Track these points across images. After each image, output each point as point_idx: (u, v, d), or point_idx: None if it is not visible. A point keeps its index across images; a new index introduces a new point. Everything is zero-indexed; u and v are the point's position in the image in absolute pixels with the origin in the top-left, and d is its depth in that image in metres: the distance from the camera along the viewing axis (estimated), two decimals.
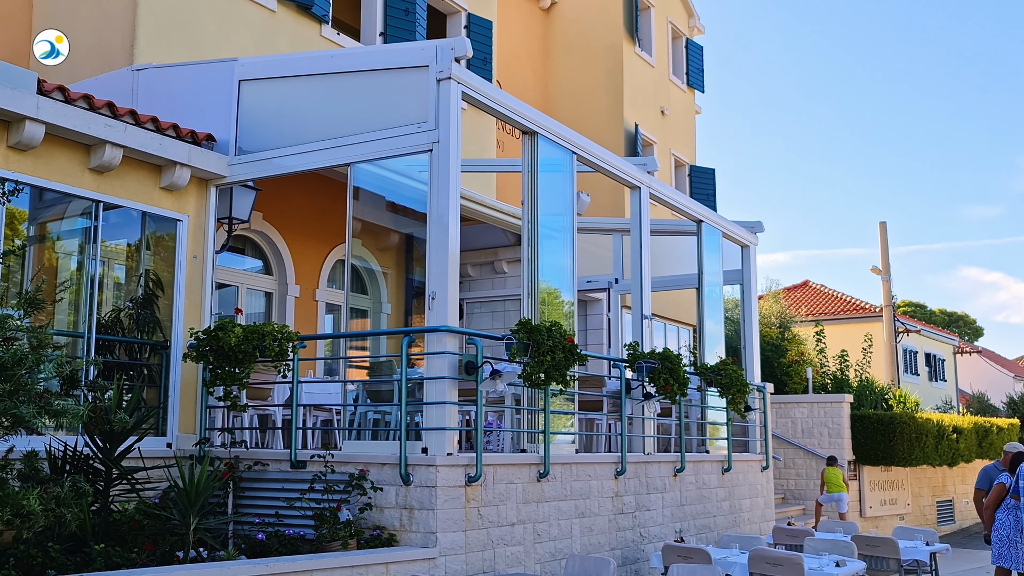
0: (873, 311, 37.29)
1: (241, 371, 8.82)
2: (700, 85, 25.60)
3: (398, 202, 12.60)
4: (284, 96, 10.16)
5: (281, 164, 9.81)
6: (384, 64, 9.34)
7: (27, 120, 8.20)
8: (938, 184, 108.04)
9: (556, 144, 10.11)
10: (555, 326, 8.76)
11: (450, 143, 8.47)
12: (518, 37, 21.46)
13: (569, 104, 21.97)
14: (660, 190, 12.51)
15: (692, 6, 25.40)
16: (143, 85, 10.69)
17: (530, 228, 9.56)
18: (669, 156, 23.69)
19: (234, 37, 12.17)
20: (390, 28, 14.43)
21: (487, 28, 16.55)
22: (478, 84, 8.97)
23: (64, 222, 9.52)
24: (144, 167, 9.40)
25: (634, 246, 11.93)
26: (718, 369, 12.47)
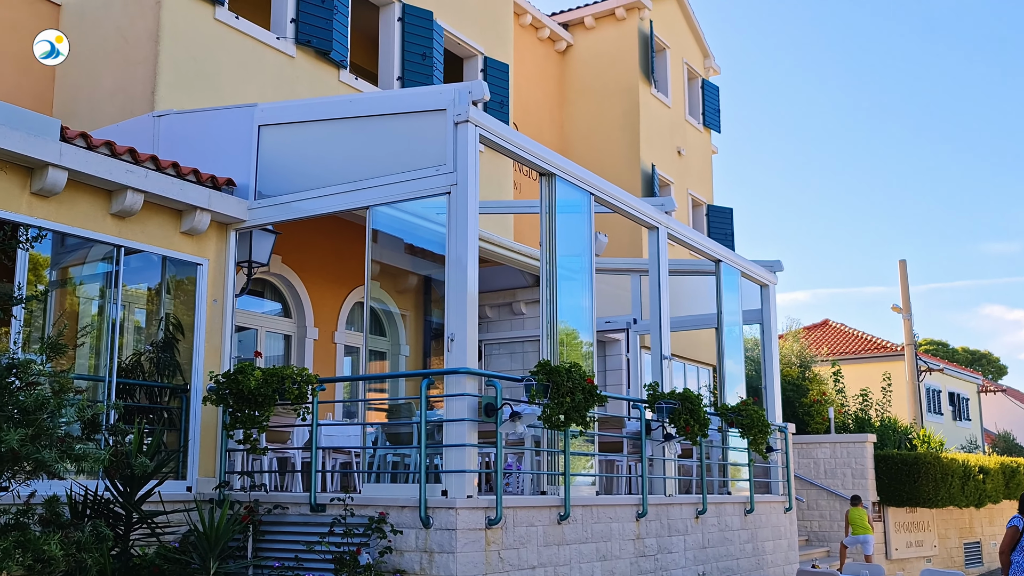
0: (894, 350, 37.04)
1: (261, 414, 8.82)
2: (716, 125, 25.68)
3: (416, 244, 12.65)
4: (303, 140, 10.25)
5: (300, 208, 9.87)
6: (402, 108, 9.42)
7: (50, 167, 8.29)
8: (957, 221, 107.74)
9: (573, 185, 10.14)
10: (574, 367, 8.74)
11: (468, 185, 8.51)
12: (534, 79, 21.62)
13: (586, 145, 22.07)
14: (678, 230, 12.52)
15: (707, 47, 25.54)
16: (164, 131, 10.80)
17: (548, 269, 9.57)
18: (686, 196, 23.72)
19: (254, 83, 12.30)
20: (407, 72, 14.57)
21: (504, 71, 16.69)
22: (495, 127, 9.02)
23: (86, 266, 9.59)
24: (165, 212, 9.48)
25: (652, 286, 11.92)
26: (739, 409, 12.39)
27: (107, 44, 11.82)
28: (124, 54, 11.60)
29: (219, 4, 11.91)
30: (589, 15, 22.65)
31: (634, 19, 22.37)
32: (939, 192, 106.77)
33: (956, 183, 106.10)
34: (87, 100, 11.93)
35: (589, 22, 22.67)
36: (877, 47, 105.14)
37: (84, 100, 11.97)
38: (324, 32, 13.10)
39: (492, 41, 16.72)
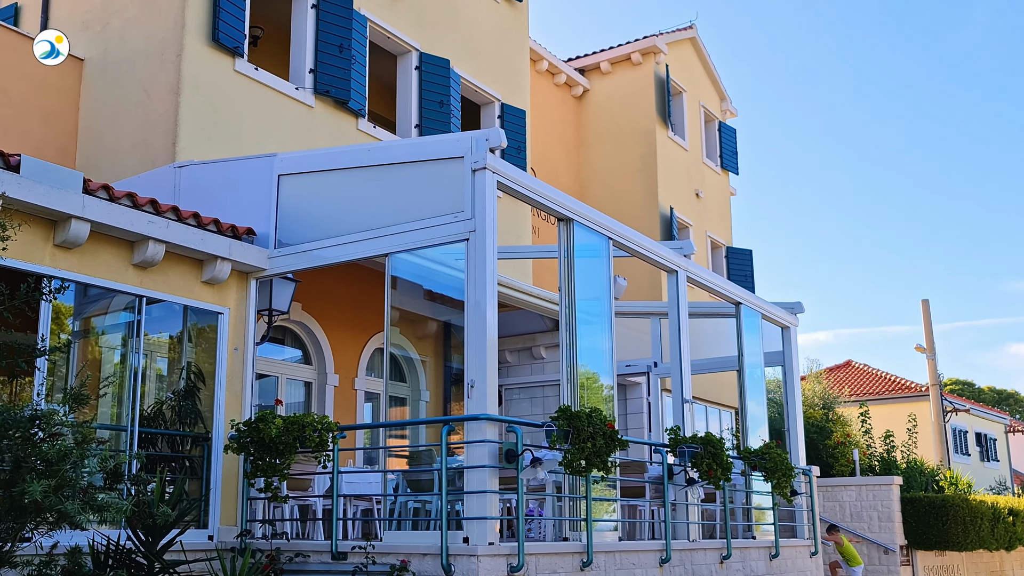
0: (919, 390, 36.71)
1: (282, 462, 8.82)
2: (734, 167, 25.73)
3: (435, 290, 12.69)
4: (322, 189, 10.34)
5: (320, 256, 9.94)
6: (420, 156, 9.50)
7: (73, 219, 8.39)
8: (980, 260, 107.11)
9: (591, 230, 10.17)
10: (595, 412, 8.71)
11: (486, 232, 8.55)
12: (551, 124, 21.76)
13: (603, 188, 22.14)
14: (697, 273, 12.51)
15: (724, 90, 25.66)
16: (185, 181, 10.92)
17: (568, 313, 9.58)
18: (705, 238, 23.72)
19: (273, 133, 12.44)
20: (425, 120, 14.70)
21: (520, 117, 16.81)
22: (513, 173, 9.08)
23: (108, 316, 9.67)
24: (186, 261, 9.55)
25: (672, 330, 11.89)
26: (762, 453, 12.30)
27: (129, 97, 11.99)
28: (146, 107, 11.76)
29: (239, 56, 12.08)
30: (605, 60, 22.82)
31: (650, 63, 22.53)
32: (961, 230, 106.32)
33: (978, 221, 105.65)
34: (109, 152, 12.09)
35: (605, 67, 22.84)
36: (897, 86, 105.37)
37: (106, 152, 12.13)
38: (342, 82, 13.25)
39: (509, 88, 16.87)
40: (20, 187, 8.00)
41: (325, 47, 13.19)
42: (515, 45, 17.30)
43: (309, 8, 13.20)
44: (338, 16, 13.36)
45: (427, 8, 15.29)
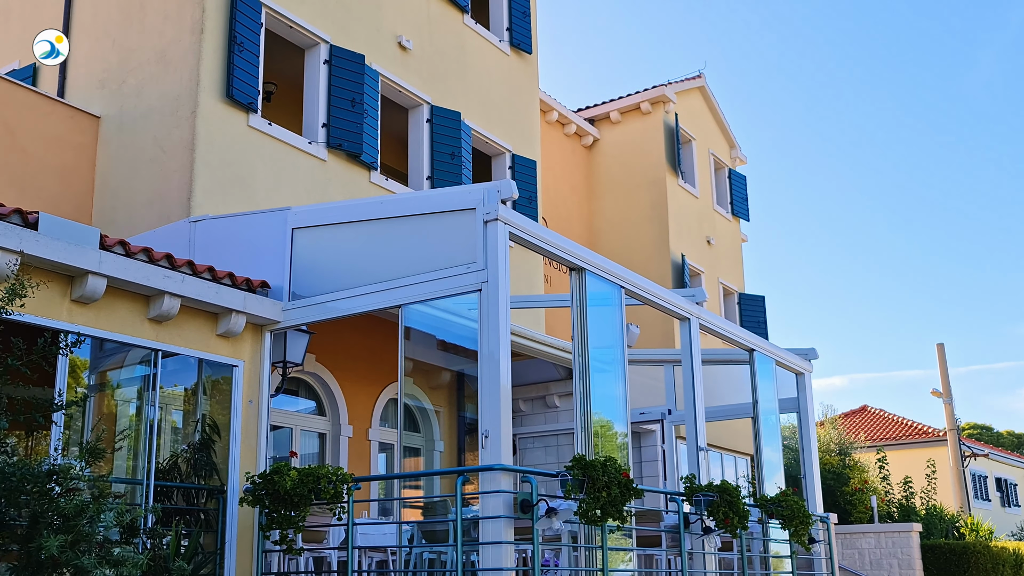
0: (936, 435, 36.43)
1: (297, 514, 8.82)
2: (745, 214, 25.82)
3: (449, 340, 12.74)
4: (336, 241, 10.43)
5: (334, 308, 10.00)
6: (432, 208, 9.60)
7: (90, 274, 8.48)
8: (995, 302, 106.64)
9: (603, 279, 10.22)
10: (609, 461, 8.70)
11: (499, 282, 8.61)
12: (562, 174, 21.92)
13: (615, 237, 22.23)
14: (710, 320, 12.53)
15: (733, 137, 25.84)
16: (200, 235, 11.04)
17: (581, 362, 9.60)
18: (717, 285, 23.75)
19: (287, 186, 12.58)
20: (437, 172, 14.85)
21: (531, 167, 16.95)
22: (524, 224, 9.16)
23: (123, 370, 9.73)
24: (201, 315, 9.63)
25: (686, 377, 11.89)
26: (779, 500, 12.22)
27: (144, 153, 12.16)
28: (161, 163, 11.92)
29: (252, 112, 12.25)
30: (614, 110, 23.04)
31: (659, 113, 22.72)
32: (976, 273, 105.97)
33: (992, 264, 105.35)
34: (125, 207, 12.24)
35: (615, 116, 23.05)
36: (907, 131, 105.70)
37: (122, 207, 12.28)
38: (355, 135, 13.42)
39: (519, 139, 17.03)
40: (38, 244, 8.10)
41: (337, 102, 13.37)
42: (525, 97, 17.50)
43: (322, 64, 13.41)
44: (350, 71, 13.56)
45: (437, 62, 15.50)
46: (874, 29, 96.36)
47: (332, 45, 13.53)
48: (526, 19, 17.56)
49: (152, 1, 12.60)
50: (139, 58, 12.56)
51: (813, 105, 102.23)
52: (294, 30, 13.20)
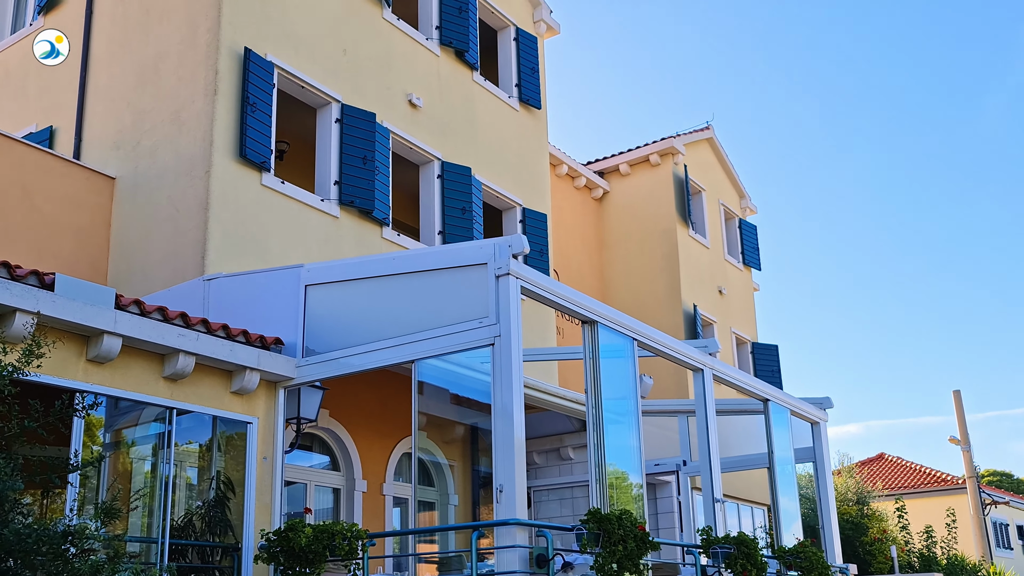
0: (955, 483, 36.06)
1: (312, 571, 8.79)
2: (756, 263, 25.86)
3: (462, 394, 12.74)
4: (348, 298, 10.50)
5: (347, 364, 10.04)
6: (444, 263, 9.67)
7: (106, 334, 8.55)
8: (1012, 347, 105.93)
9: (616, 331, 10.25)
10: (625, 514, 8.67)
11: (511, 336, 8.65)
12: (573, 226, 22.03)
13: (626, 288, 22.28)
14: (723, 371, 12.52)
15: (743, 187, 25.97)
16: (214, 293, 11.12)
17: (595, 413, 9.60)
18: (730, 335, 23.72)
19: (300, 243, 12.69)
20: (448, 227, 14.96)
21: (542, 221, 17.06)
22: (536, 278, 9.21)
23: (138, 428, 9.77)
24: (215, 372, 9.68)
25: (700, 428, 11.86)
26: (797, 552, 12.12)
27: (159, 213, 12.30)
28: (175, 222, 12.05)
29: (265, 171, 12.40)
30: (623, 162, 23.21)
31: (668, 164, 22.88)
32: (992, 318, 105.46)
33: (1008, 308, 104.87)
34: (140, 266, 12.35)
35: (624, 169, 23.21)
36: (917, 178, 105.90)
37: (137, 266, 12.39)
38: (366, 192, 13.55)
39: (529, 193, 17.16)
40: (55, 305, 8.20)
41: (349, 159, 13.53)
42: (535, 151, 17.66)
43: (333, 123, 13.59)
44: (362, 129, 13.74)
45: (448, 119, 15.69)
46: (881, 76, 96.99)
47: (343, 104, 13.72)
48: (535, 75, 17.78)
49: (167, 64, 12.82)
50: (154, 120, 12.75)
51: (822, 153, 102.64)
52: (306, 90, 13.40)
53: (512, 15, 17.75)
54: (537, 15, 18.30)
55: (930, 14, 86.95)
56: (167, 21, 13.02)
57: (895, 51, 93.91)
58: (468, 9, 16.31)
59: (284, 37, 13.15)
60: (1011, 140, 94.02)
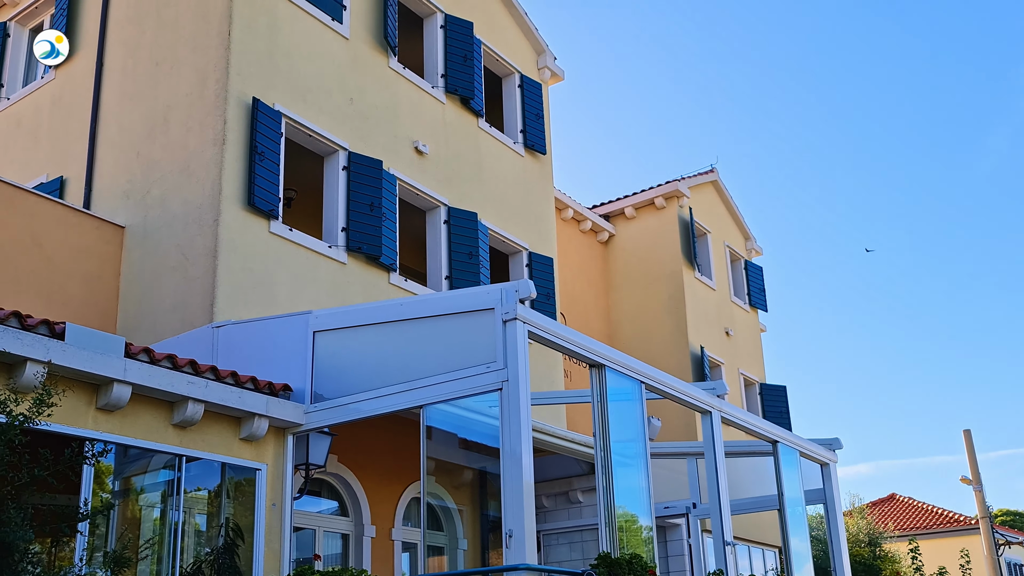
0: (968, 523, 35.75)
1: None
2: (763, 304, 25.89)
3: (470, 438, 12.75)
4: (357, 343, 10.56)
5: (356, 409, 10.07)
6: (451, 309, 9.73)
7: (115, 382, 8.61)
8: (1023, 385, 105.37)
9: (623, 375, 10.28)
10: (635, 559, 8.65)
11: (519, 381, 8.68)
12: (579, 269, 22.11)
13: (633, 330, 22.30)
14: (731, 413, 12.52)
15: (748, 229, 26.06)
16: (223, 340, 11.18)
17: (603, 456, 9.61)
18: (738, 376, 23.70)
19: (308, 290, 12.77)
20: (455, 272, 15.04)
21: (548, 265, 17.14)
22: (543, 323, 9.26)
23: (147, 475, 9.79)
24: (224, 419, 9.72)
25: (709, 470, 11.84)
26: None
27: (168, 261, 12.40)
28: (184, 270, 12.15)
29: (273, 218, 12.51)
30: (629, 206, 23.33)
31: (673, 207, 22.99)
32: (1001, 356, 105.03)
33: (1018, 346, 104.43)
34: (150, 314, 12.43)
35: (629, 212, 23.33)
36: (922, 217, 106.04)
37: (147, 314, 12.47)
38: (374, 238, 13.65)
39: (535, 237, 17.26)
40: (65, 354, 8.26)
41: (356, 206, 13.65)
42: (540, 195, 17.79)
43: (340, 170, 13.73)
44: (368, 176, 13.87)
45: (454, 165, 15.83)
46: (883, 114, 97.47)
47: (351, 152, 13.87)
48: (539, 121, 17.95)
49: (176, 115, 12.99)
50: (163, 169, 12.90)
51: (826, 194, 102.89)
52: (313, 138, 13.55)
53: (516, 62, 17.96)
54: (541, 62, 18.51)
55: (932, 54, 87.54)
56: (176, 73, 13.21)
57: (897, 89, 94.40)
58: (473, 57, 16.51)
59: (292, 87, 13.33)
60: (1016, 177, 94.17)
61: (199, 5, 13.21)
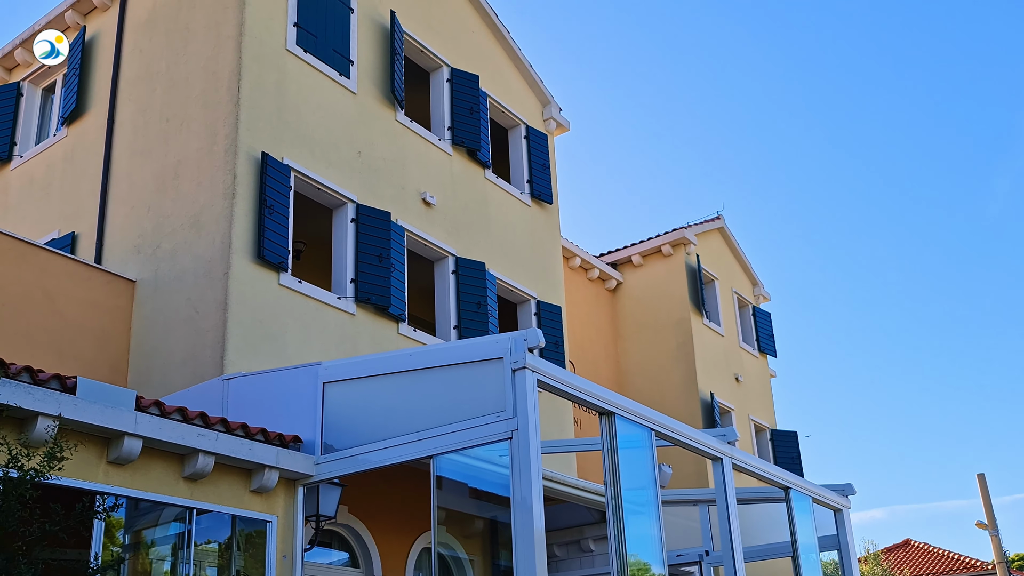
0: (985, 568, 35.34)
1: None
2: (772, 350, 25.86)
3: (481, 488, 12.71)
4: (366, 394, 10.58)
5: (366, 460, 10.06)
6: (460, 359, 9.76)
7: (126, 436, 8.63)
8: None
9: (633, 422, 10.27)
10: None
11: (529, 429, 8.69)
12: (588, 318, 22.14)
13: (642, 377, 22.28)
14: (743, 460, 12.48)
15: (755, 275, 26.11)
16: (233, 393, 11.21)
17: (614, 504, 9.57)
18: (748, 422, 23.61)
19: (317, 341, 12.82)
20: (463, 321, 15.09)
21: (557, 313, 17.19)
22: (552, 371, 9.29)
23: (158, 528, 9.77)
24: (235, 472, 9.73)
25: (722, 518, 11.77)
26: None
27: (179, 314, 12.48)
28: (195, 323, 12.22)
29: (283, 271, 12.61)
30: (636, 254, 23.43)
31: (680, 255, 23.07)
32: (1015, 398, 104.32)
33: None
34: (160, 367, 12.49)
35: (637, 260, 23.41)
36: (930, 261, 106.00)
37: (157, 367, 12.53)
38: (382, 289, 13.73)
39: (543, 286, 17.33)
40: (76, 408, 8.30)
41: (365, 257, 13.74)
42: (548, 245, 17.89)
43: (349, 222, 13.84)
44: (377, 228, 13.98)
45: (461, 215, 15.95)
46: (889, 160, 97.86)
47: (359, 204, 13.99)
48: (545, 171, 18.10)
49: (186, 169, 13.15)
50: (173, 223, 13.03)
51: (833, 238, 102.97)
52: (322, 191, 13.69)
53: (522, 114, 18.15)
54: (547, 113, 18.71)
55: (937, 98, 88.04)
56: (186, 128, 13.39)
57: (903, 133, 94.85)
58: (479, 110, 16.70)
59: (300, 141, 13.49)
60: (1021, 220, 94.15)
61: (209, 63, 13.43)
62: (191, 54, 13.80)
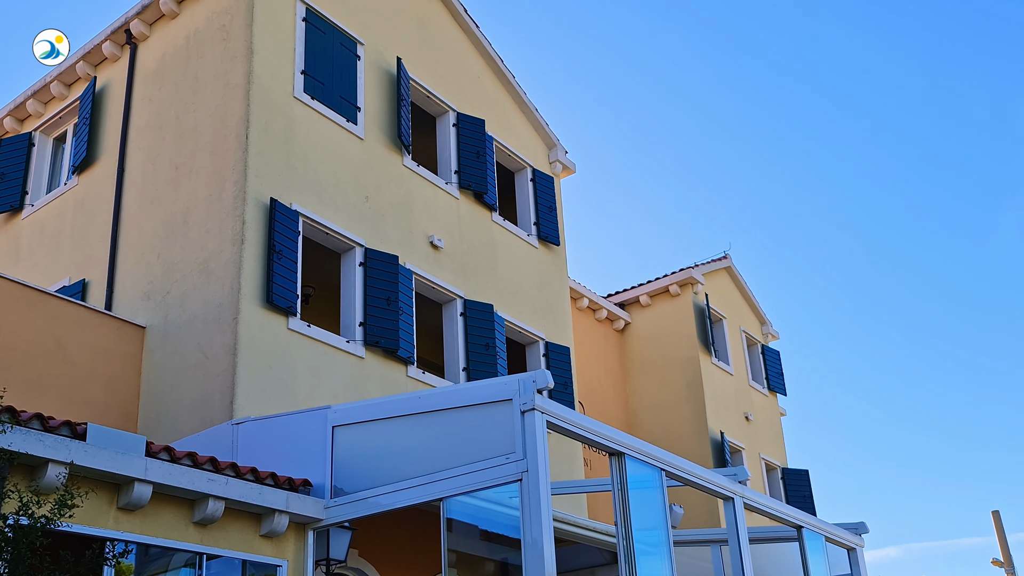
0: None
1: None
2: (782, 388, 25.77)
3: (491, 530, 12.64)
4: (375, 437, 10.57)
5: (376, 503, 10.05)
6: (469, 401, 9.77)
7: (136, 482, 8.64)
8: None
9: (643, 462, 10.25)
10: None
11: (539, 471, 8.67)
12: (596, 358, 22.12)
13: (652, 417, 22.21)
14: (754, 499, 12.41)
15: (763, 313, 26.09)
16: (243, 437, 11.22)
17: (625, 545, 9.52)
18: (759, 461, 23.49)
19: (326, 384, 12.84)
20: (472, 363, 15.10)
21: (565, 354, 17.19)
22: (561, 412, 9.28)
23: (168, 574, 9.74)
24: (245, 516, 9.71)
25: (734, 558, 11.70)
26: None
27: (188, 360, 12.52)
28: (204, 368, 12.25)
29: (292, 315, 12.66)
30: (644, 294, 23.45)
31: (688, 294, 23.09)
32: None
33: None
34: (170, 412, 12.51)
35: (644, 300, 23.43)
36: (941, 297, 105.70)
37: (167, 412, 12.55)
38: (391, 332, 13.77)
39: (552, 327, 17.35)
40: (86, 454, 8.32)
41: (373, 301, 13.80)
42: (555, 286, 17.93)
43: (357, 266, 13.92)
44: (385, 272, 14.05)
45: (469, 258, 16.02)
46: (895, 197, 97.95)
47: (367, 248, 14.07)
48: (552, 213, 18.19)
49: (195, 216, 13.25)
50: (183, 270, 13.11)
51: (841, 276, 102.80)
52: (330, 236, 13.77)
53: (529, 157, 18.28)
54: (552, 156, 18.83)
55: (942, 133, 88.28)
56: (195, 176, 13.51)
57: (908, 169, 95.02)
58: (485, 154, 16.83)
59: (308, 186, 13.60)
60: None
61: (217, 110, 13.58)
62: (200, 103, 13.96)
